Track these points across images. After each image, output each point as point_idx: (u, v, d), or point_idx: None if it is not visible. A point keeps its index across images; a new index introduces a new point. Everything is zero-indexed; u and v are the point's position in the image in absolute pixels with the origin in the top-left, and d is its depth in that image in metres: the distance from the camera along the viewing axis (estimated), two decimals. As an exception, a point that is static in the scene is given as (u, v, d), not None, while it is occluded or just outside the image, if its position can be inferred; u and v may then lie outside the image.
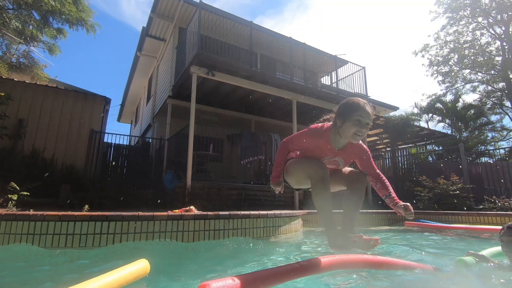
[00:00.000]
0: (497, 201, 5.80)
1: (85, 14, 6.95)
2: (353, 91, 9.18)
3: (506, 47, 16.64)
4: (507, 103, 17.40)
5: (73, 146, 6.74)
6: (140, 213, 2.32)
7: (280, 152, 1.96)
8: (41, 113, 6.58)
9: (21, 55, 7.18)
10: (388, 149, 11.69)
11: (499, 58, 17.27)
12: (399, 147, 11.25)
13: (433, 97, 19.05)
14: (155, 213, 2.38)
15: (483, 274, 1.52)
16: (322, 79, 11.75)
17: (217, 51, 7.19)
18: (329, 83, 10.98)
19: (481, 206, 6.28)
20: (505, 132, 18.35)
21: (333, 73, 10.44)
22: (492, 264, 1.61)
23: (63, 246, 2.06)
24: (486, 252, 1.91)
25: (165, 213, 2.44)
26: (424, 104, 18.69)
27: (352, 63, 9.37)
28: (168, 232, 2.37)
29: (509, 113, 17.54)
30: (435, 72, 19.26)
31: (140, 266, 1.33)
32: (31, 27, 6.82)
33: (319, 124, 1.91)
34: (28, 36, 6.89)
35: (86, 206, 3.24)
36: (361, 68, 9.23)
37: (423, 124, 17.94)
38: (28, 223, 2.09)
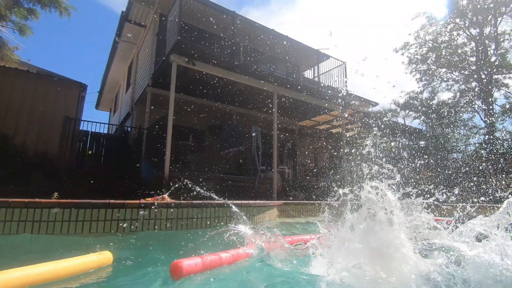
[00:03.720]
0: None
1: (59, -5, 6.62)
2: (334, 85, 9.35)
3: (480, 49, 17.40)
4: (479, 103, 18.30)
5: (46, 133, 6.50)
6: (111, 201, 2.31)
7: None
8: (10, 97, 6.27)
9: (-12, 35, 6.78)
10: (366, 144, 12.04)
11: (473, 59, 18.05)
12: (377, 142, 11.65)
13: (411, 94, 19.72)
14: (127, 201, 2.38)
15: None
16: (305, 73, 11.85)
17: (199, 40, 7.08)
18: (312, 77, 11.10)
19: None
20: (475, 130, 19.35)
21: (315, 67, 10.56)
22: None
23: (29, 233, 2.03)
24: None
25: (137, 201, 2.45)
26: (402, 100, 19.34)
27: (334, 57, 9.51)
28: (140, 220, 2.39)
29: (480, 112, 18.48)
30: (413, 70, 19.88)
31: (103, 256, 1.38)
32: (-1, 5, 6.43)
33: None
34: (-4, 15, 6.50)
35: (56, 194, 3.18)
36: (342, 63, 9.40)
37: (400, 120, 18.61)
38: (-8, 210, 2.04)
